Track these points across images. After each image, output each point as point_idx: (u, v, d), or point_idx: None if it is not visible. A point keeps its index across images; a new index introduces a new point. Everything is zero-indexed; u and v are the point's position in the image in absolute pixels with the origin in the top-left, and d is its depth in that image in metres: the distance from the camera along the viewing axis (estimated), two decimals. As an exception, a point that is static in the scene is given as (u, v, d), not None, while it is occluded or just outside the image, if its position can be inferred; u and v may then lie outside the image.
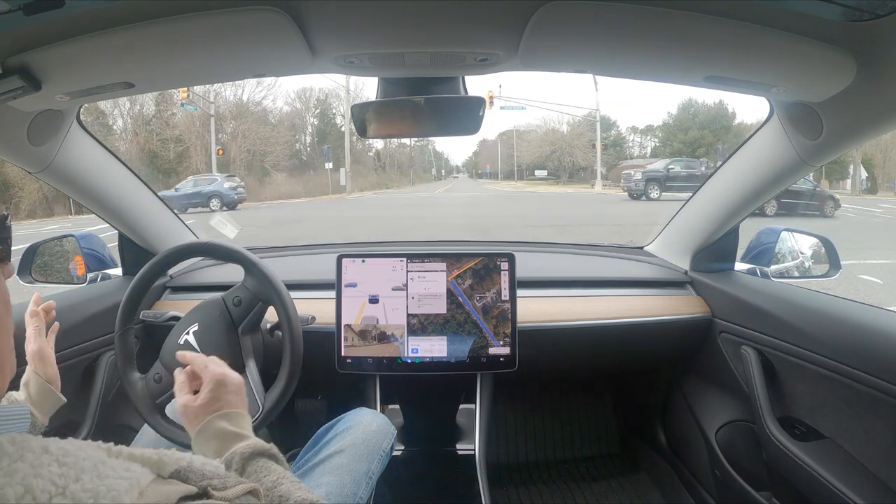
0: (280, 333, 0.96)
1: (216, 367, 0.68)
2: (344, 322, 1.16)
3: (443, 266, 1.17)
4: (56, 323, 0.87)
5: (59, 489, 0.31)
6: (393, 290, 1.16)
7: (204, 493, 0.38)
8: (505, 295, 1.16)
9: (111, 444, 0.38)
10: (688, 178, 15.04)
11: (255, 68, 0.80)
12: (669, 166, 16.12)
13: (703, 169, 16.07)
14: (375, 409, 1.21)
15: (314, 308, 1.14)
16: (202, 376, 0.67)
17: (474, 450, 1.18)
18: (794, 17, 0.61)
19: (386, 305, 1.16)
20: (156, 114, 22.26)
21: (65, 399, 0.80)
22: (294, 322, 0.92)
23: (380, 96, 0.87)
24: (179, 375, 0.70)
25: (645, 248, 1.56)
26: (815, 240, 1.31)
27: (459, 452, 1.24)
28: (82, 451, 0.34)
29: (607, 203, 15.02)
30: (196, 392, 0.67)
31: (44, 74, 0.68)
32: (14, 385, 0.80)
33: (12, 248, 0.48)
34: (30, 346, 0.80)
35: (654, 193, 14.89)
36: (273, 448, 0.60)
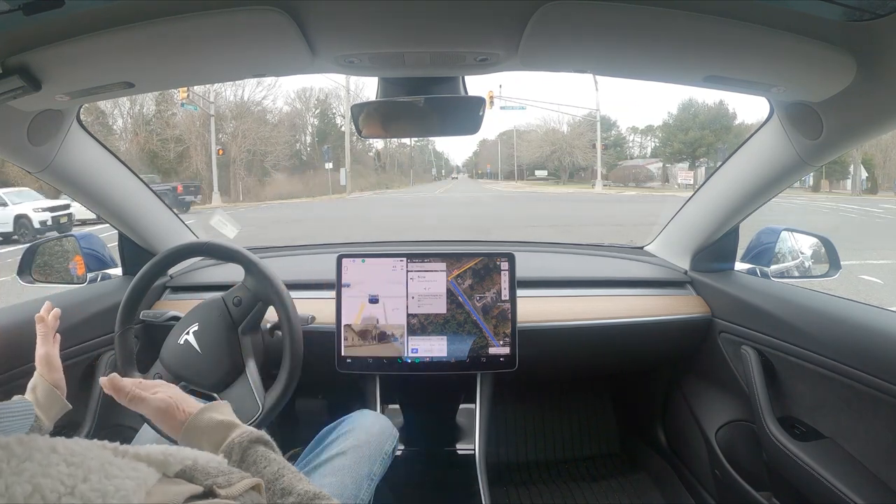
0: (280, 333, 0.96)
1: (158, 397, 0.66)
2: (344, 322, 1.16)
3: (443, 266, 1.17)
4: (57, 334, 0.88)
5: (68, 489, 0.31)
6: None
7: (210, 492, 0.38)
8: (505, 295, 1.16)
9: (117, 444, 0.38)
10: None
11: (255, 68, 0.80)
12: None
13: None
14: (375, 408, 1.21)
15: (314, 308, 1.14)
16: (153, 390, 0.66)
17: (474, 450, 1.18)
18: (793, 17, 0.61)
19: (386, 305, 1.16)
20: (156, 114, 22.27)
21: (70, 405, 0.81)
22: (294, 322, 0.92)
23: (380, 96, 0.87)
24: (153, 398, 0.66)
25: (645, 248, 1.56)
26: (815, 240, 1.31)
27: (459, 452, 1.23)
28: (89, 451, 0.35)
29: (607, 203, 15.01)
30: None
31: (44, 74, 0.68)
32: (21, 389, 0.81)
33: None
34: (37, 351, 0.81)
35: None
36: (265, 435, 0.60)
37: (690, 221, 1.35)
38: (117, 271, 1.36)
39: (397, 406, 1.36)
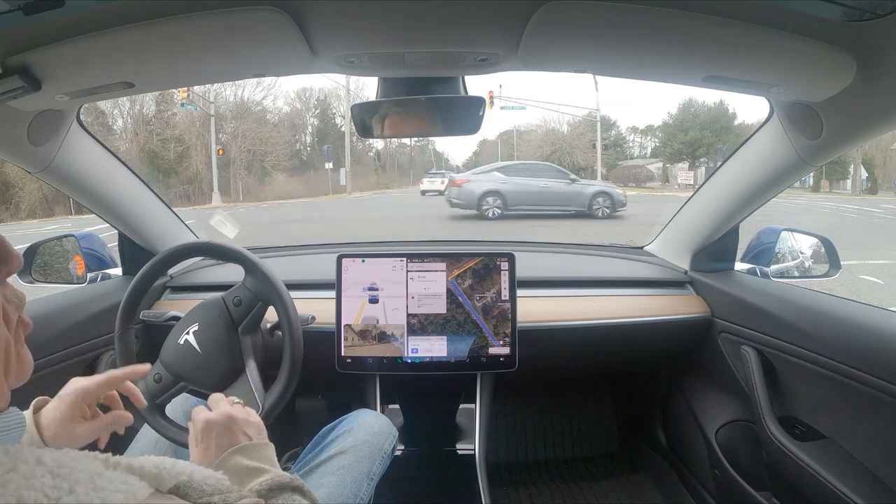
0: (280, 333, 0.96)
1: (222, 408, 0.64)
2: (344, 322, 1.16)
3: (443, 266, 1.17)
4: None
5: (52, 501, 0.30)
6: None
7: None
8: (505, 295, 1.16)
9: (109, 455, 0.36)
10: None
11: (255, 68, 0.80)
12: None
13: None
14: (375, 408, 1.21)
15: (314, 308, 1.14)
16: (207, 422, 0.63)
17: (474, 450, 1.18)
18: (793, 16, 0.61)
19: (386, 305, 1.16)
20: (156, 114, 22.25)
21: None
22: (294, 322, 0.92)
23: (380, 96, 0.87)
24: (191, 427, 0.65)
25: (645, 248, 1.56)
26: (814, 240, 1.31)
27: (459, 452, 1.23)
28: (78, 462, 0.33)
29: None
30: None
31: (44, 74, 0.68)
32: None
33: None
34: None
35: None
36: (297, 480, 0.56)
37: (690, 221, 1.35)
38: (117, 271, 1.36)
39: (397, 406, 1.36)
